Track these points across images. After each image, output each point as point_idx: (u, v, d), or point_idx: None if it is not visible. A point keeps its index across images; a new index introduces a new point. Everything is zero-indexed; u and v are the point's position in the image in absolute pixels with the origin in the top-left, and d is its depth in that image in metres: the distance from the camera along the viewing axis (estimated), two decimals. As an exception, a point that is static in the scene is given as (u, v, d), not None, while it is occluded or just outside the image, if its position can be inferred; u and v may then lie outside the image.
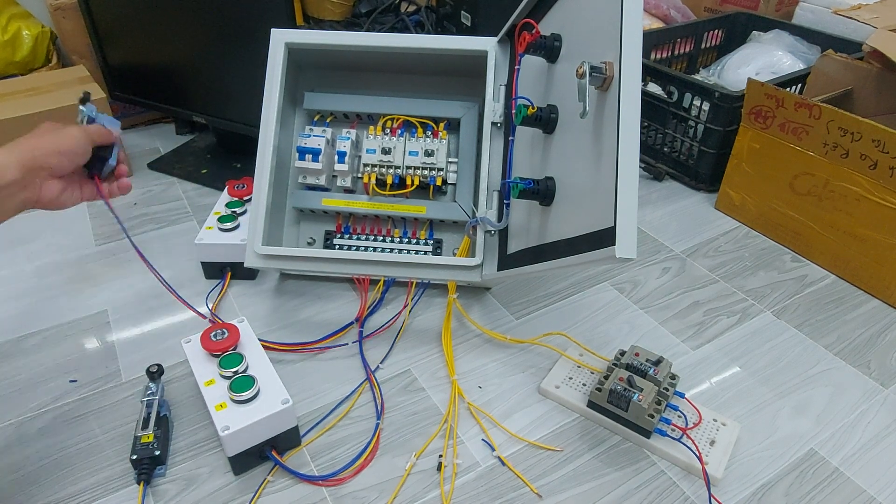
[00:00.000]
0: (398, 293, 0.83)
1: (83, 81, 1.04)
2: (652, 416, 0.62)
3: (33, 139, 0.57)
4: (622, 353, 0.68)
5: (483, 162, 0.72)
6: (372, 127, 0.79)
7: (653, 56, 1.25)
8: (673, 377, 0.66)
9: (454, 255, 0.78)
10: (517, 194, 0.60)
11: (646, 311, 0.81)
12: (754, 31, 1.29)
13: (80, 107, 0.67)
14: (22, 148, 0.55)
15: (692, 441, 0.62)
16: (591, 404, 0.66)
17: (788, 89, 0.97)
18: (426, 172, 0.76)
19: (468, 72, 0.77)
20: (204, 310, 0.80)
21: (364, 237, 0.81)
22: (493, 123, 0.73)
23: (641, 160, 1.12)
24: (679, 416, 0.65)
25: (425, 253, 0.79)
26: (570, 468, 0.62)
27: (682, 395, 0.66)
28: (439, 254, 0.79)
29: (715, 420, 0.65)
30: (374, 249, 0.79)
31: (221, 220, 0.82)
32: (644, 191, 1.07)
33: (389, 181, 0.77)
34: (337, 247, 0.80)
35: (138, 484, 0.58)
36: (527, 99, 0.64)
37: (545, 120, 0.61)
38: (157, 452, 0.59)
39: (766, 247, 0.94)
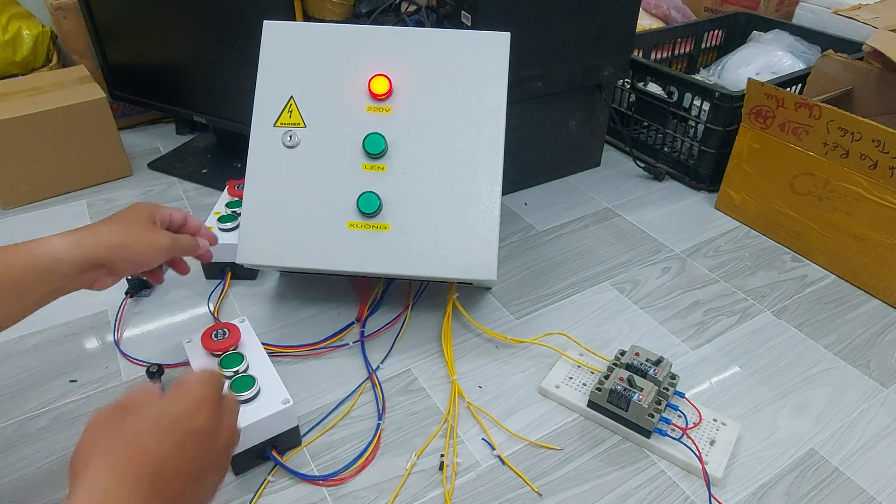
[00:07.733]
0: (398, 293, 0.83)
1: (83, 81, 1.04)
2: (652, 416, 0.62)
3: (114, 235, 0.52)
4: (622, 353, 0.68)
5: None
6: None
7: (653, 56, 1.25)
8: (673, 377, 0.66)
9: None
10: None
11: (646, 311, 0.81)
12: (754, 31, 1.29)
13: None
14: (93, 244, 0.50)
15: (692, 441, 0.62)
16: (591, 404, 0.66)
17: (788, 89, 0.97)
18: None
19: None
20: (205, 310, 0.80)
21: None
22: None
23: (642, 160, 1.12)
24: (679, 416, 0.65)
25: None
26: (571, 467, 0.62)
27: (682, 395, 0.66)
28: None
29: (715, 420, 0.65)
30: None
31: (221, 220, 0.82)
32: (644, 191, 1.07)
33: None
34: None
35: (139, 483, 0.58)
36: None
37: None
38: (158, 452, 0.59)
39: (766, 247, 0.94)
